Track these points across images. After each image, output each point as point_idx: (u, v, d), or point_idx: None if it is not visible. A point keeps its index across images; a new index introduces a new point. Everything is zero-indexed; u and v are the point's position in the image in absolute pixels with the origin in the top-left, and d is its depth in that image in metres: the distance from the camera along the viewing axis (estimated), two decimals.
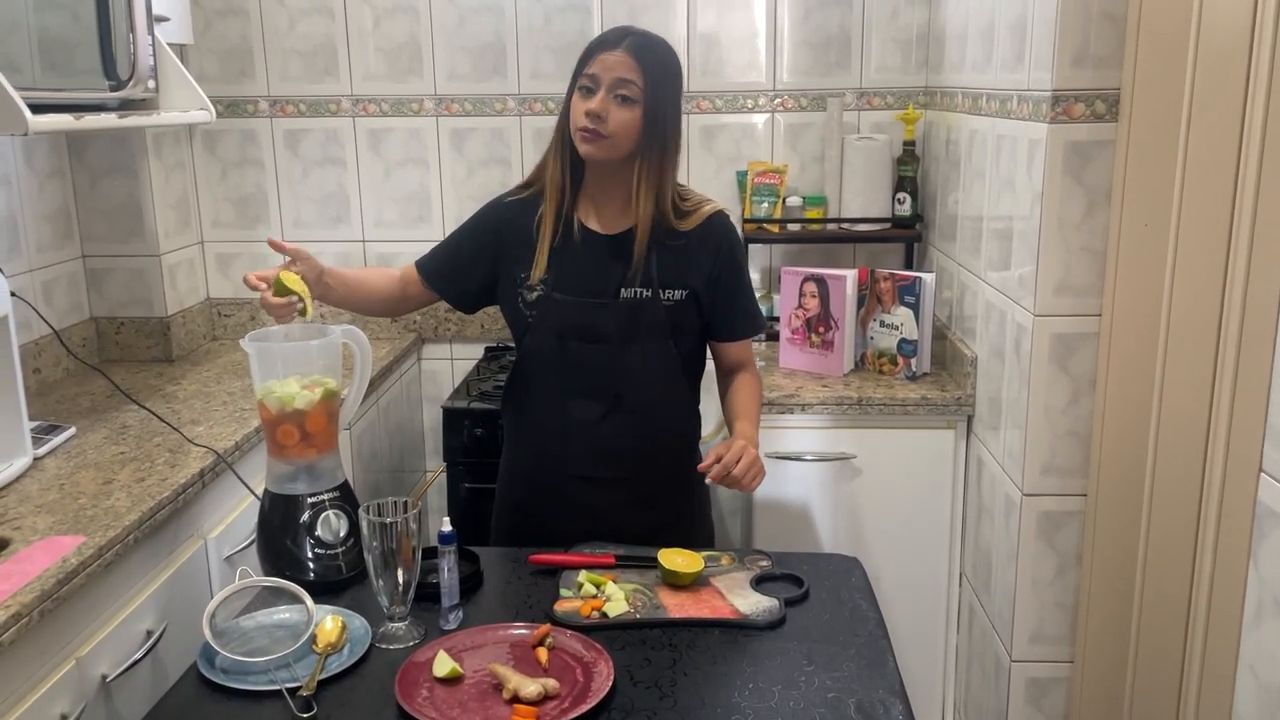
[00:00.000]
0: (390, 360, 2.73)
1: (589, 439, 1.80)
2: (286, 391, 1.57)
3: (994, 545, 2.21)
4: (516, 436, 1.90)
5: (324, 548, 1.60)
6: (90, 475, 1.82)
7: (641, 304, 1.76)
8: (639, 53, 1.68)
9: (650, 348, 1.77)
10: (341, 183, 2.93)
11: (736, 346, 1.89)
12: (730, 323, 1.85)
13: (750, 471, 1.66)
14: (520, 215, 1.82)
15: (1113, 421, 1.86)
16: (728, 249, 1.81)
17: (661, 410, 1.82)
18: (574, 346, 1.77)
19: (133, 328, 2.67)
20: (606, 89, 1.67)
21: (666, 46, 1.74)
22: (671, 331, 1.78)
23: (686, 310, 1.78)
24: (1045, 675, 2.10)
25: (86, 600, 1.52)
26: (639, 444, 1.81)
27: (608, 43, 1.69)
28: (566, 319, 1.77)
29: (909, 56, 2.80)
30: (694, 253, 1.78)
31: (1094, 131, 1.84)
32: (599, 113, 1.67)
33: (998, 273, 2.17)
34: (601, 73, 1.68)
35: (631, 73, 1.67)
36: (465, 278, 1.87)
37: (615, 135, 1.68)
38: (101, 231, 2.62)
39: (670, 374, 1.81)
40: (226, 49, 2.85)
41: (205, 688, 1.34)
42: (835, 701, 1.31)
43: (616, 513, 1.81)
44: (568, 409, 1.79)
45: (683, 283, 1.77)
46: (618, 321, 1.76)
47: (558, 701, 1.28)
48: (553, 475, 1.83)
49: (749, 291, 1.87)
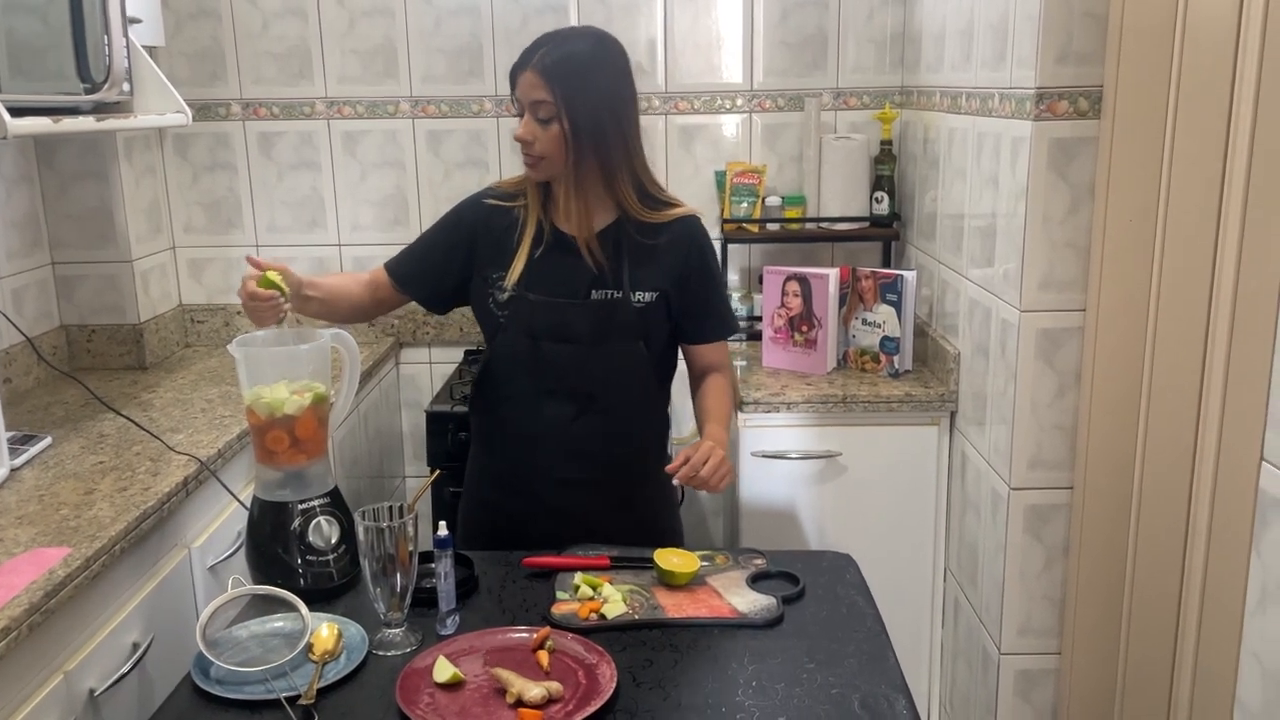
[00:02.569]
0: (369, 365, 2.71)
1: (561, 439, 1.80)
2: (276, 397, 1.54)
3: (980, 539, 2.23)
4: (487, 437, 1.90)
5: (315, 555, 1.57)
6: (71, 485, 1.78)
7: (612, 304, 1.76)
8: (546, 70, 1.67)
9: (621, 348, 1.78)
10: (316, 186, 2.90)
11: (708, 349, 1.89)
12: (700, 325, 1.86)
13: (718, 473, 1.66)
14: (496, 216, 1.82)
15: (1099, 415, 1.88)
16: (698, 251, 1.81)
17: (632, 411, 1.83)
18: (546, 347, 1.76)
19: (105, 335, 2.62)
20: (529, 112, 1.70)
21: (589, 47, 1.72)
22: (642, 332, 1.78)
23: (657, 311, 1.79)
24: (1034, 667, 2.11)
25: (73, 613, 1.49)
26: (610, 444, 1.81)
27: (522, 63, 1.70)
28: (539, 319, 1.76)
29: (884, 56, 2.81)
30: (664, 254, 1.78)
31: (1077, 128, 1.86)
32: (525, 138, 1.70)
33: (980, 269, 2.18)
34: (521, 96, 1.70)
35: (541, 92, 1.67)
36: (438, 278, 1.86)
37: (547, 155, 1.71)
38: (72, 238, 2.57)
39: (641, 375, 1.81)
40: (198, 51, 2.81)
41: (200, 699, 1.32)
42: (839, 698, 1.31)
43: (588, 513, 1.81)
44: (540, 409, 1.79)
45: (653, 284, 1.78)
46: (589, 322, 1.76)
47: (562, 705, 1.27)
48: (525, 476, 1.82)
49: (721, 295, 1.88)
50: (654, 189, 1.80)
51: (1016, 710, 2.15)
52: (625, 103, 1.74)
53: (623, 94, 1.74)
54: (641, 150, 1.78)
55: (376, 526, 1.39)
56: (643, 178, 1.78)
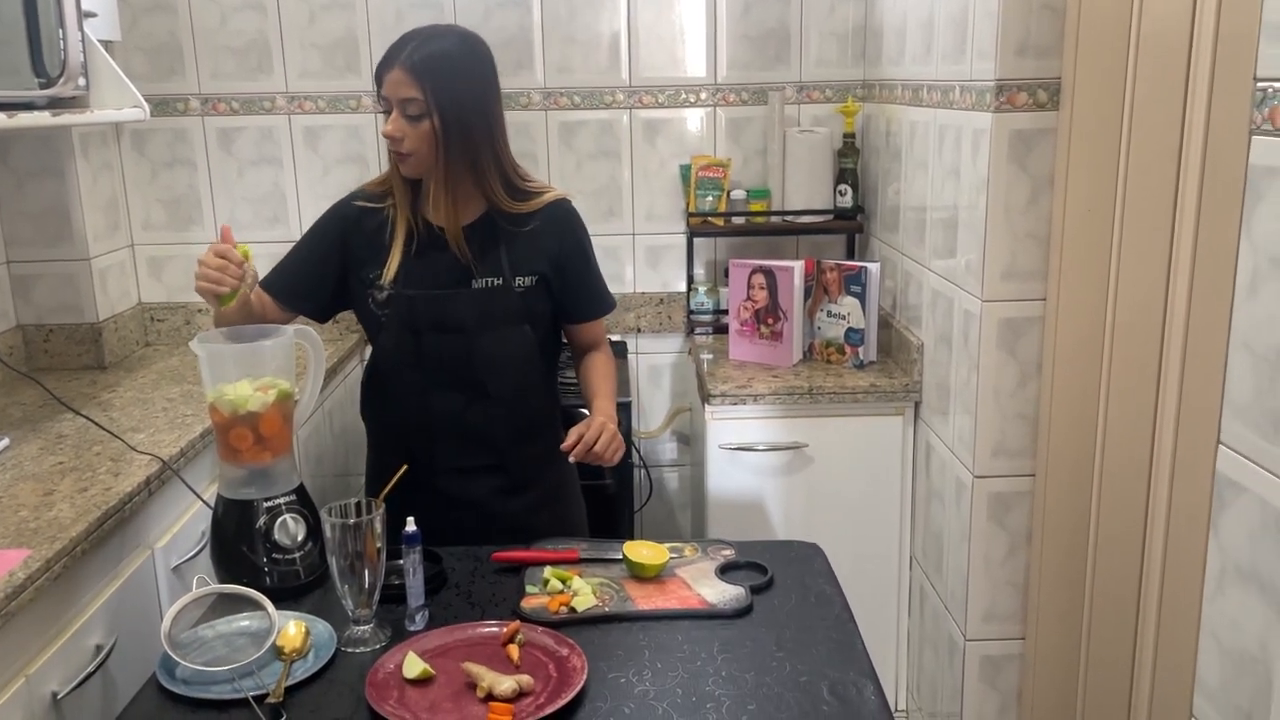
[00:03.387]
0: (334, 362, 2.68)
1: (454, 429, 1.83)
2: (239, 394, 1.53)
3: (945, 527, 2.26)
4: (380, 437, 1.93)
5: (281, 553, 1.56)
6: (29, 487, 1.75)
7: (494, 291, 1.79)
8: (414, 68, 1.68)
9: (507, 334, 1.81)
10: (278, 182, 2.86)
11: (588, 328, 1.95)
12: (579, 305, 1.91)
13: (611, 446, 1.73)
14: (366, 217, 1.83)
15: (1060, 403, 1.91)
16: (572, 234, 1.86)
17: (523, 394, 1.86)
18: (430, 339, 1.79)
19: (62, 335, 2.58)
20: (397, 109, 1.70)
21: (454, 45, 1.73)
22: (526, 316, 1.82)
23: (538, 295, 1.82)
24: (998, 653, 2.14)
25: (34, 615, 1.47)
26: (504, 429, 1.84)
27: (388, 61, 1.71)
28: (419, 313, 1.78)
29: (846, 50, 2.83)
30: (540, 238, 1.82)
31: (1036, 120, 1.89)
32: (394, 135, 1.71)
33: (943, 260, 2.20)
34: (389, 94, 1.71)
35: (411, 89, 1.68)
36: (318, 289, 1.87)
37: (416, 151, 1.72)
38: (27, 236, 2.53)
39: (529, 358, 1.84)
40: (155, 46, 2.77)
41: (166, 699, 1.30)
42: (808, 685, 1.32)
43: (490, 500, 1.85)
44: (430, 402, 1.82)
45: (531, 268, 1.81)
46: (473, 310, 1.78)
47: (533, 698, 1.27)
48: (423, 470, 1.82)
49: (596, 274, 1.93)
50: (519, 180, 1.83)
51: (982, 695, 2.18)
52: (492, 99, 1.77)
53: (489, 90, 1.77)
54: (507, 144, 1.81)
55: (344, 523, 1.38)
56: (508, 170, 1.81)
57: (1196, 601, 1.29)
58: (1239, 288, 1.21)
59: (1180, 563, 1.49)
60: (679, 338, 2.94)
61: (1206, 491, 1.27)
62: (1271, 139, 1.16)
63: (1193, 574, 1.34)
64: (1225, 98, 1.36)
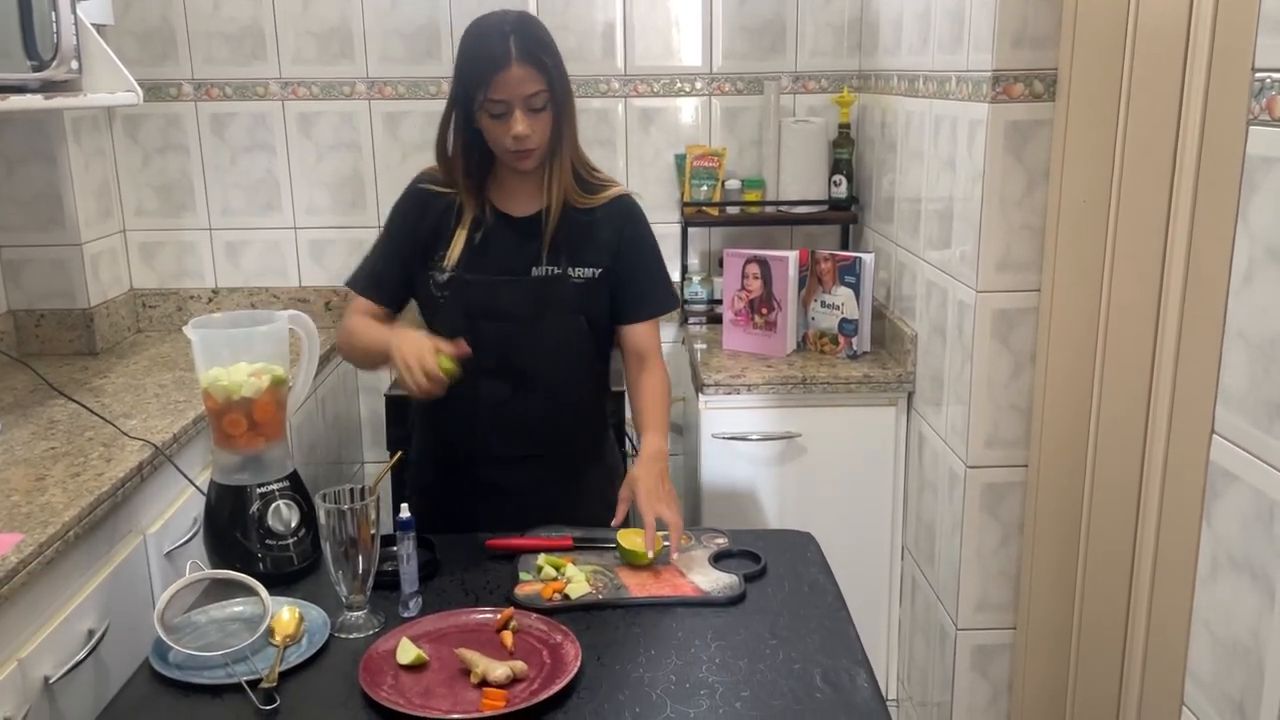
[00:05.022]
0: (327, 350, 2.67)
1: (500, 417, 1.80)
2: (233, 380, 1.53)
3: (937, 518, 2.26)
4: (428, 420, 1.90)
5: (275, 539, 1.56)
6: (21, 472, 1.75)
7: (550, 280, 1.76)
8: (531, 58, 1.64)
9: (559, 324, 1.78)
10: (271, 168, 2.85)
11: (640, 330, 1.84)
12: (632, 302, 1.83)
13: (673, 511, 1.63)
14: (433, 199, 1.80)
15: (1053, 393, 1.91)
16: (633, 226, 1.82)
17: (571, 386, 1.82)
18: (483, 325, 1.75)
19: (54, 320, 2.57)
20: (521, 108, 1.65)
21: (539, 24, 1.71)
22: (581, 308, 1.78)
23: (596, 288, 1.79)
24: (990, 642, 2.15)
25: (26, 600, 1.46)
26: (549, 421, 1.81)
27: (499, 61, 1.63)
28: (475, 299, 1.76)
29: (842, 40, 2.83)
30: (601, 231, 1.79)
31: (1032, 111, 1.89)
32: (525, 133, 1.66)
33: (938, 251, 2.21)
34: (508, 95, 1.64)
35: (535, 83, 1.64)
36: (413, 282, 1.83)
37: (541, 144, 1.70)
38: (19, 221, 2.51)
39: (580, 351, 1.81)
40: (147, 30, 2.75)
41: (159, 684, 1.30)
42: (801, 673, 1.32)
43: (532, 490, 1.82)
44: (477, 389, 1.78)
45: (592, 260, 1.78)
46: (526, 299, 1.76)
47: (526, 684, 1.27)
48: (465, 457, 1.82)
49: (655, 273, 1.85)
50: (588, 170, 1.81)
51: (973, 684, 2.18)
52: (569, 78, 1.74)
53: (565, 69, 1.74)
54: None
55: (338, 509, 1.38)
56: (581, 156, 1.80)
57: (1189, 590, 1.30)
58: (1234, 277, 1.22)
59: (1172, 552, 1.50)
60: (673, 327, 2.94)
61: (1199, 481, 1.28)
62: (1269, 129, 1.16)
63: (1185, 563, 1.35)
64: (1222, 88, 1.36)
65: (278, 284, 2.92)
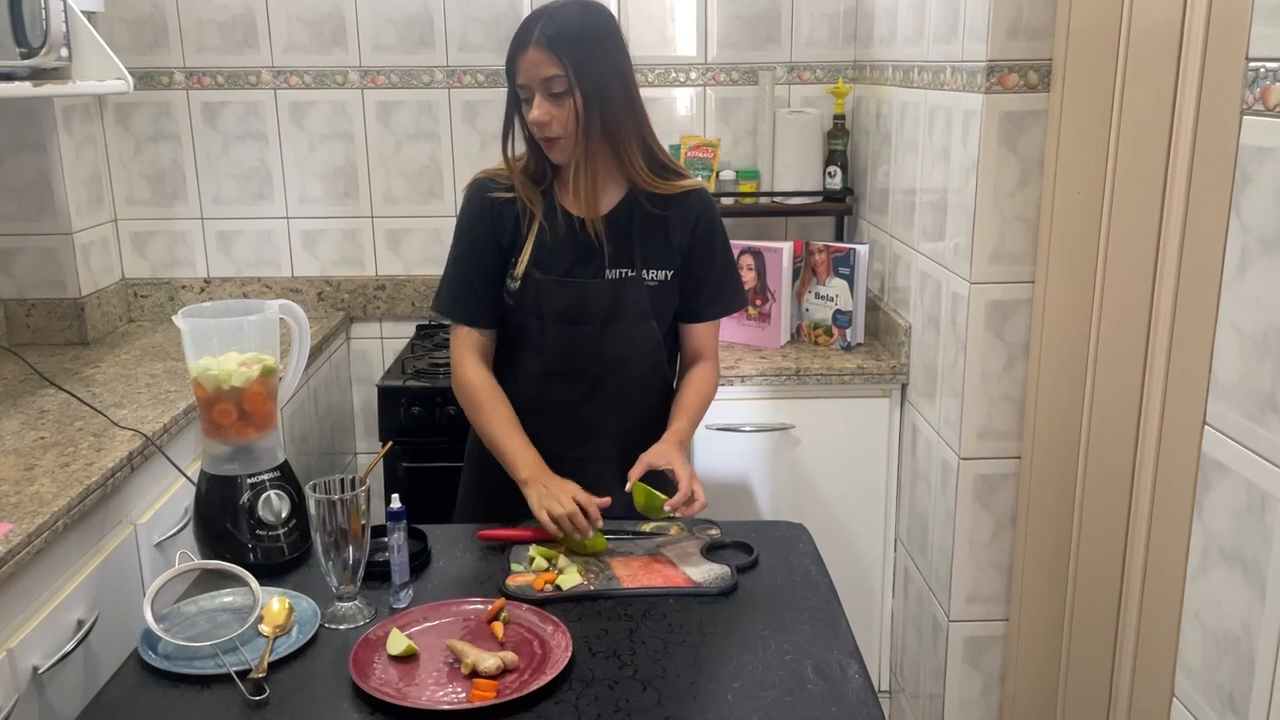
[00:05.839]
0: (319, 340, 2.67)
1: (568, 419, 1.77)
2: (223, 369, 1.52)
3: (930, 509, 2.26)
4: None
5: (265, 529, 1.55)
6: (10, 462, 1.74)
7: (624, 283, 1.72)
8: (551, 43, 1.59)
9: (632, 328, 1.74)
10: (263, 158, 2.84)
11: (702, 329, 1.82)
12: (699, 300, 1.79)
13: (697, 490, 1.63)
14: (505, 207, 1.75)
15: (1046, 385, 1.91)
16: (704, 224, 1.76)
17: (642, 390, 1.80)
18: (555, 328, 1.72)
19: (44, 309, 2.55)
20: (540, 93, 1.62)
21: (580, 12, 1.64)
22: (653, 312, 1.75)
23: (669, 292, 1.75)
24: (982, 634, 2.15)
25: (15, 590, 1.46)
26: (617, 423, 1.78)
27: (522, 43, 1.61)
28: (548, 300, 1.72)
29: (838, 31, 2.82)
30: (673, 232, 1.74)
31: (1027, 101, 1.88)
32: (542, 119, 1.62)
33: (932, 243, 2.20)
34: (527, 78, 1.62)
35: (552, 66, 1.59)
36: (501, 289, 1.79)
37: (565, 133, 1.64)
38: (9, 210, 2.50)
39: (652, 355, 1.78)
40: (138, 18, 2.74)
41: (148, 674, 1.30)
42: (793, 664, 1.32)
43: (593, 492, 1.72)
44: (546, 390, 1.76)
45: (664, 263, 1.74)
46: (600, 302, 1.72)
47: (517, 674, 1.27)
48: None
49: (722, 271, 1.80)
50: (664, 157, 1.75)
51: (965, 675, 2.19)
52: (626, 66, 1.68)
53: (623, 57, 1.68)
54: (647, 117, 1.72)
55: (329, 499, 1.37)
56: (652, 145, 1.73)
57: (1180, 582, 1.30)
58: (1227, 269, 1.21)
59: (1164, 544, 1.50)
60: None
61: (1191, 473, 1.27)
62: (1263, 119, 1.16)
63: (1176, 555, 1.35)
64: (1217, 78, 1.35)
65: (270, 274, 2.91)
